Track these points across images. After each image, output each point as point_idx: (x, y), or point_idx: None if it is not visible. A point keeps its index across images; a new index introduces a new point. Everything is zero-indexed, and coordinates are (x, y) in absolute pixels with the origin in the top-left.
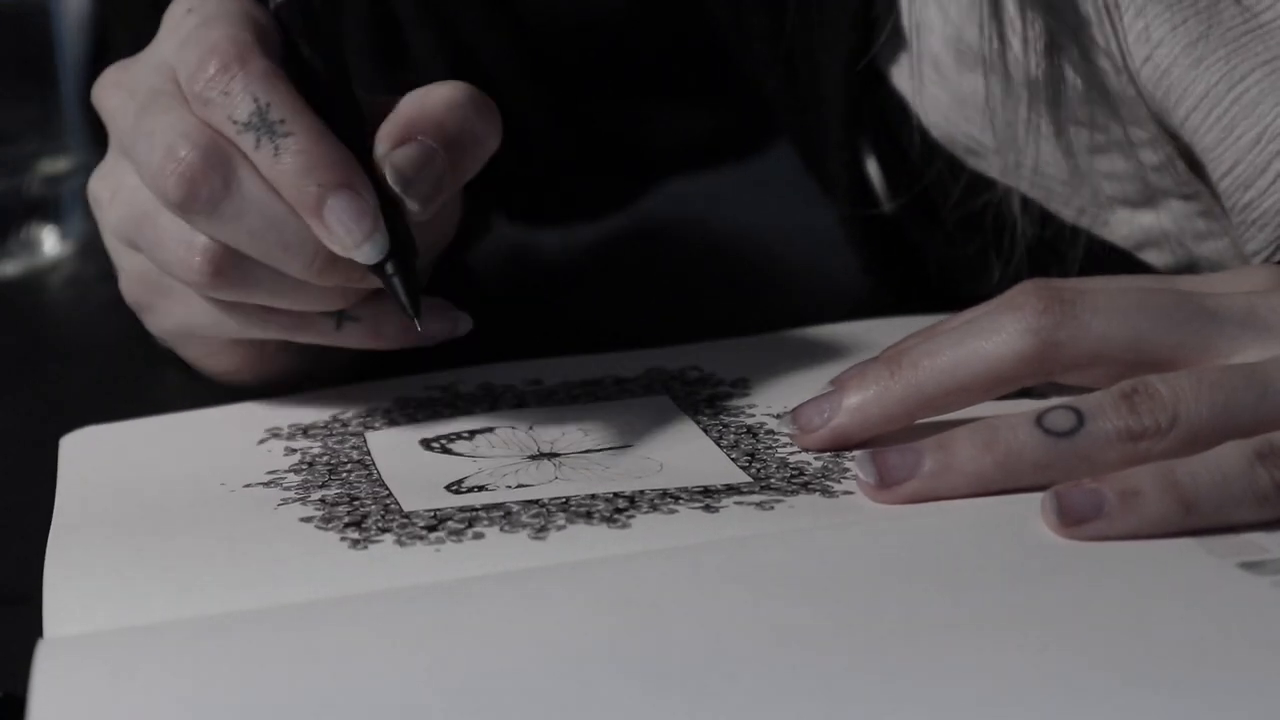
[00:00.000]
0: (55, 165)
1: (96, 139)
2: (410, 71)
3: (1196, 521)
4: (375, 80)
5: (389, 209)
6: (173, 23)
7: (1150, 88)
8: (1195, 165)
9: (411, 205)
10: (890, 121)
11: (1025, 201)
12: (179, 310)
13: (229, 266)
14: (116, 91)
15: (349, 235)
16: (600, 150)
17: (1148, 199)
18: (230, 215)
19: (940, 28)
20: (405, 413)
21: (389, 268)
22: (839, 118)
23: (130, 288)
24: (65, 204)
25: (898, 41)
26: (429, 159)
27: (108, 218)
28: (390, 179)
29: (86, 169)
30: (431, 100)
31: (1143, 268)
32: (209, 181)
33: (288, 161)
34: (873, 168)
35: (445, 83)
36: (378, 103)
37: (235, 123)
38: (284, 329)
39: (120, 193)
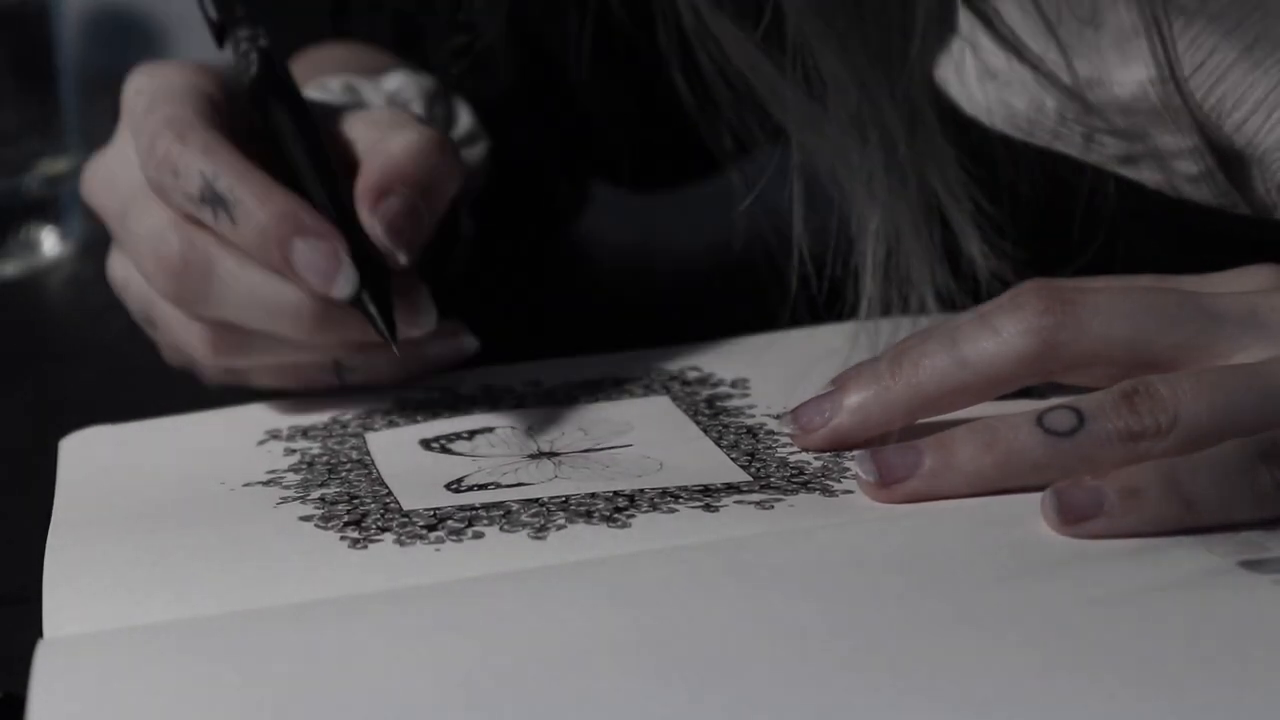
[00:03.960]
0: (55, 165)
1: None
2: (483, 56)
3: (1197, 520)
4: (451, 64)
5: (357, 243)
6: (127, 107)
7: (1200, 95)
8: (1233, 177)
9: (401, 258)
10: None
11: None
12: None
13: (225, 341)
14: (101, 190)
15: (318, 276)
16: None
17: None
18: (218, 296)
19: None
20: (405, 414)
21: (365, 299)
22: None
23: (170, 358)
24: (65, 204)
25: (940, 32)
26: (411, 210)
27: (128, 305)
28: (381, 233)
29: None
30: (396, 149)
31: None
32: (190, 271)
33: (243, 226)
34: None
35: (402, 128)
36: (338, 146)
37: (190, 199)
38: (293, 384)
39: (131, 283)
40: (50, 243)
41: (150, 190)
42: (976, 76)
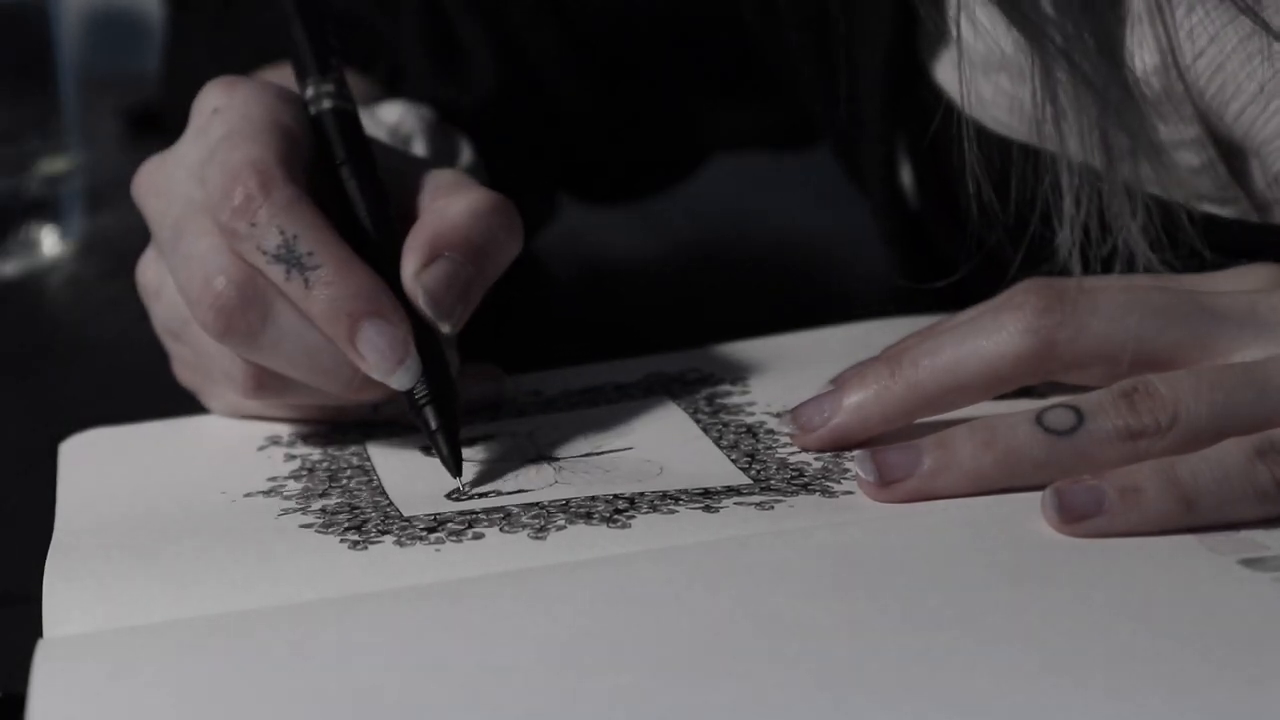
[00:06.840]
0: (55, 165)
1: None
2: (460, 65)
3: (1197, 519)
4: (426, 74)
5: (422, 331)
6: (201, 122)
7: (1201, 84)
8: (1234, 170)
9: (443, 327)
10: (928, 116)
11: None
12: (229, 396)
13: (267, 381)
14: (154, 197)
15: (382, 362)
16: (646, 139)
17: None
18: (267, 346)
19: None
20: (406, 422)
21: (418, 393)
22: (877, 111)
23: (181, 373)
24: (65, 204)
25: (940, 34)
26: (455, 276)
27: (156, 312)
28: (422, 303)
29: (86, 169)
30: (454, 211)
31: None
32: (245, 317)
33: (319, 294)
34: (905, 163)
35: (467, 190)
36: (406, 200)
37: (264, 254)
38: (325, 418)
39: (165, 292)
40: (50, 243)
41: (211, 219)
42: (984, 70)
